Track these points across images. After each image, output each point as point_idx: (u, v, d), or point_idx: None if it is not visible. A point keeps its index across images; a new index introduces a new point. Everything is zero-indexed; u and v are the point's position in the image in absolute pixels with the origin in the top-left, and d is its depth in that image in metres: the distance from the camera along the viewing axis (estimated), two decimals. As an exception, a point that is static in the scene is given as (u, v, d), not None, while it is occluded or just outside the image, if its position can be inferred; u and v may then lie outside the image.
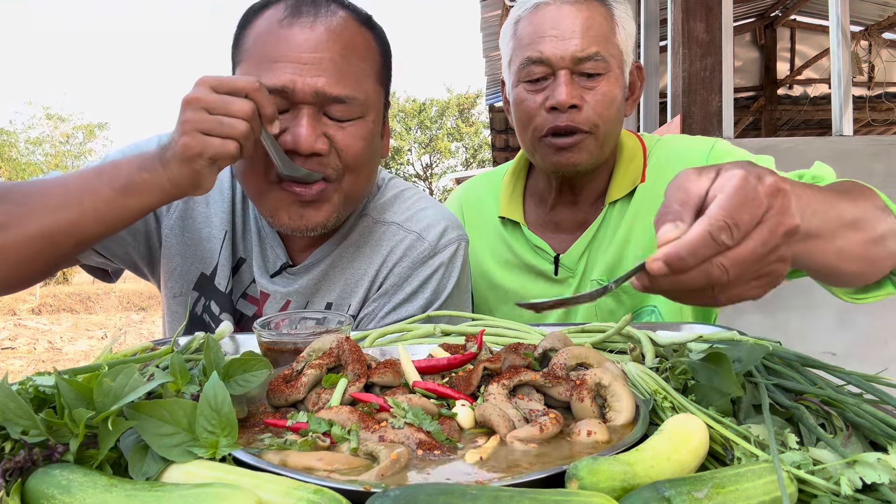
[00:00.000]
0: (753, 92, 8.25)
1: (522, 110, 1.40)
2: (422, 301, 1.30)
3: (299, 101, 1.14)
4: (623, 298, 1.47)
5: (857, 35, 6.80)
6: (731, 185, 0.61)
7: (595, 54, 1.32)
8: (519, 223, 1.56)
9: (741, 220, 0.60)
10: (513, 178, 1.62)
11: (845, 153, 3.26)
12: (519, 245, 1.57)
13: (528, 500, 0.49)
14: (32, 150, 23.64)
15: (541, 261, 1.54)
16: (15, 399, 0.60)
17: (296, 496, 0.52)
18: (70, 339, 11.63)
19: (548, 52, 1.33)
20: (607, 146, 1.42)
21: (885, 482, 0.53)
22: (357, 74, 1.19)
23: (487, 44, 7.21)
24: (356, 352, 0.83)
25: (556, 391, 0.76)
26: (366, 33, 1.23)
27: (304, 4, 1.18)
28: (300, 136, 1.13)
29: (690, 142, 1.53)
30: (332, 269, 1.32)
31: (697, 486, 0.51)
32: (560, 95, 1.32)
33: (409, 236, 1.32)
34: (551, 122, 1.35)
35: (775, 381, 0.74)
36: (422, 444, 0.65)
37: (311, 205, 1.21)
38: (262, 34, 1.18)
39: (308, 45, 1.14)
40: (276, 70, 1.13)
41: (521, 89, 1.40)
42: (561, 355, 0.80)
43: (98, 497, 0.54)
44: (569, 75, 1.33)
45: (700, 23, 3.26)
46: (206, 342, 0.77)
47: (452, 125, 32.70)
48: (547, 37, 1.33)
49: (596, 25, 1.33)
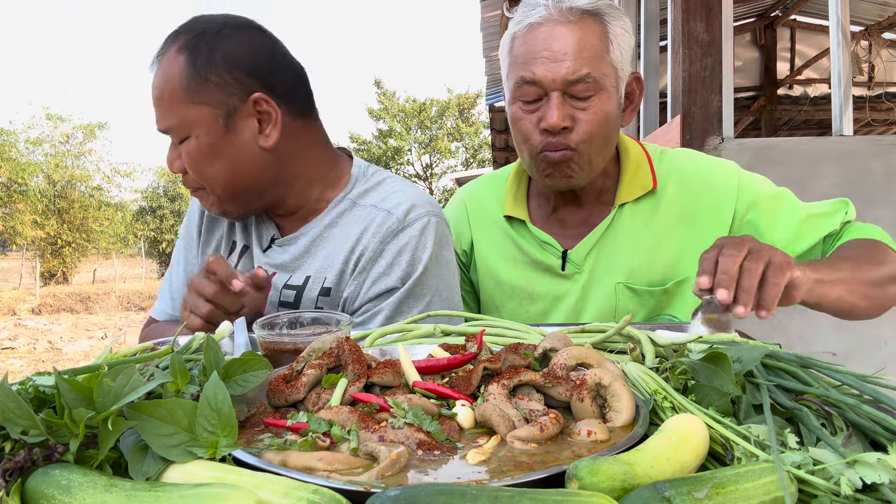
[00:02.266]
0: (753, 92, 8.25)
1: (518, 129, 1.46)
2: (399, 272, 1.38)
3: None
4: (646, 300, 1.50)
5: (857, 35, 6.80)
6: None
7: (586, 76, 1.35)
8: (525, 221, 1.59)
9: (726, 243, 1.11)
10: (516, 179, 1.64)
11: (845, 153, 3.26)
12: (525, 242, 1.59)
13: (528, 499, 0.49)
14: (32, 150, 23.64)
15: (548, 256, 1.56)
16: (15, 399, 0.60)
17: (296, 496, 0.52)
18: (70, 339, 11.63)
19: (539, 75, 1.36)
20: (600, 161, 1.47)
21: (885, 482, 0.53)
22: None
23: (487, 44, 7.21)
24: (356, 352, 0.83)
25: (556, 391, 0.76)
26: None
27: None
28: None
29: (712, 164, 1.58)
30: (312, 246, 1.46)
31: (697, 486, 0.51)
32: (552, 118, 1.36)
33: (380, 214, 1.43)
34: (544, 141, 1.40)
35: (775, 382, 0.74)
36: (422, 445, 0.65)
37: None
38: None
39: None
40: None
41: (516, 108, 1.45)
42: (561, 355, 0.80)
43: (98, 497, 0.54)
44: (560, 97, 1.36)
45: (700, 23, 3.26)
46: (206, 342, 0.77)
47: (452, 125, 32.68)
48: (539, 58, 1.36)
49: (589, 47, 1.36)
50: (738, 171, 1.55)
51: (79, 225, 23.57)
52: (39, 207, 22.29)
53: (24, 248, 23.61)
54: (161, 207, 29.36)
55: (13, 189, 22.20)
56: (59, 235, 22.84)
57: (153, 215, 29.34)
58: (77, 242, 23.44)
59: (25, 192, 22.24)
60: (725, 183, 1.50)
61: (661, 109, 4.67)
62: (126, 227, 26.88)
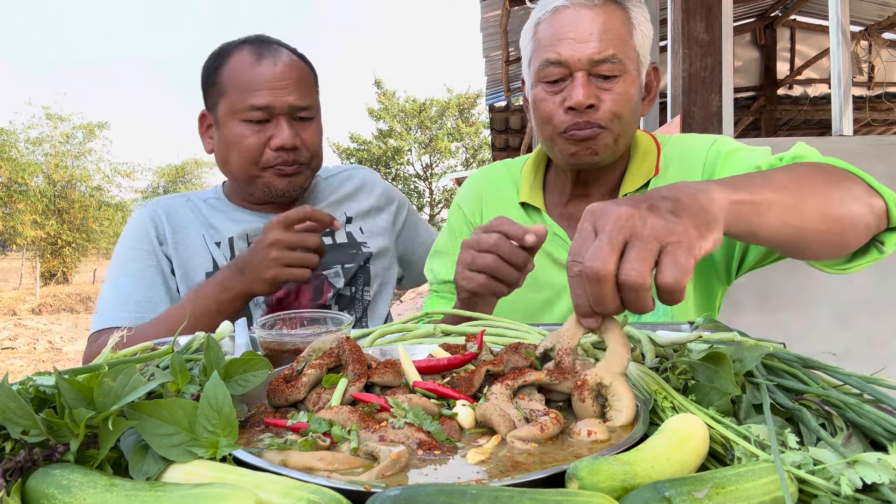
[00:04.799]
0: (753, 92, 8.25)
1: (542, 109, 1.45)
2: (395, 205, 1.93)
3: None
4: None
5: (857, 35, 6.80)
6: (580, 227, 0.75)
7: (611, 57, 1.37)
8: (540, 209, 1.59)
9: (576, 249, 0.73)
10: (533, 169, 1.65)
11: (845, 153, 3.23)
12: None
13: (528, 499, 0.49)
14: (32, 150, 23.61)
15: (557, 248, 1.56)
16: (15, 399, 0.60)
17: (296, 496, 0.52)
18: (70, 339, 11.62)
19: (566, 55, 1.38)
20: (623, 142, 1.46)
21: (885, 482, 0.53)
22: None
23: (487, 44, 7.20)
24: (356, 352, 0.83)
25: (564, 386, 0.75)
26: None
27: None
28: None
29: (694, 139, 1.58)
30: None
31: (698, 485, 0.51)
32: (577, 96, 1.37)
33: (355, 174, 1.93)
34: (569, 121, 1.41)
35: (776, 382, 0.74)
36: (422, 444, 0.65)
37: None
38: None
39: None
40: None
41: (539, 89, 1.45)
42: (563, 341, 0.79)
43: (98, 497, 0.54)
44: (586, 77, 1.38)
45: (700, 23, 3.26)
46: (207, 342, 0.77)
47: (452, 125, 32.65)
48: (565, 39, 1.38)
49: (613, 29, 1.38)
50: (714, 140, 1.52)
51: (79, 225, 23.54)
52: (39, 207, 22.26)
53: (24, 248, 23.58)
54: (161, 207, 29.27)
55: (13, 189, 22.18)
56: (59, 235, 22.81)
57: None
58: (77, 242, 23.41)
59: (25, 192, 22.21)
60: (698, 154, 1.50)
61: (661, 109, 4.67)
62: (126, 226, 26.81)
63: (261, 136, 1.58)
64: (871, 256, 1.11)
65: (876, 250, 1.09)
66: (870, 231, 1.05)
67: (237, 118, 1.58)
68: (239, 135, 1.58)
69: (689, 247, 0.69)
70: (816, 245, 1.00)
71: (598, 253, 0.69)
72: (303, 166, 1.64)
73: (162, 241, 1.68)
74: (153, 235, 1.68)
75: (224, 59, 1.63)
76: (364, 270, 1.77)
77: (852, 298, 3.16)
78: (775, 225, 0.89)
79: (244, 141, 1.58)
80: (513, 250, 1.12)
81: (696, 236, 0.71)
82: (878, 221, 1.05)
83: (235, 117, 1.59)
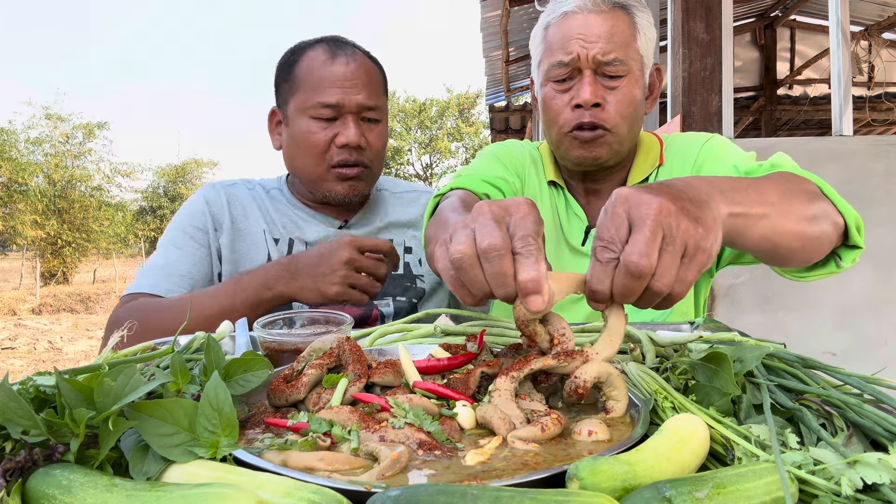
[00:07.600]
0: (753, 92, 8.26)
1: (550, 108, 1.51)
2: None
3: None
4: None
5: (857, 35, 6.80)
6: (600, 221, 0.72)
7: (616, 59, 1.43)
8: (563, 188, 1.62)
9: (610, 235, 0.70)
10: (549, 151, 1.67)
11: (845, 153, 3.26)
12: (561, 207, 1.62)
13: (528, 500, 0.49)
14: (32, 150, 23.60)
15: (573, 228, 1.59)
16: (15, 399, 0.60)
17: (296, 496, 0.52)
18: (70, 339, 11.62)
19: (574, 54, 1.44)
20: (627, 143, 1.51)
21: (885, 482, 0.53)
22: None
23: (487, 44, 7.21)
24: (356, 352, 0.83)
25: (572, 367, 0.74)
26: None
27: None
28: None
29: (692, 136, 1.64)
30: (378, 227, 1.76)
31: (698, 486, 0.51)
32: (584, 94, 1.43)
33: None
34: (576, 118, 1.46)
35: (776, 382, 0.74)
36: (422, 445, 0.65)
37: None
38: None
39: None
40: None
41: (548, 88, 1.51)
42: (556, 328, 0.78)
43: (99, 497, 0.54)
44: (592, 76, 1.44)
45: (700, 23, 3.26)
46: (207, 342, 0.77)
47: (452, 125, 32.66)
48: (574, 39, 1.45)
49: (619, 33, 1.45)
50: (708, 138, 1.58)
51: (79, 225, 23.54)
52: (39, 207, 22.25)
53: (25, 248, 23.58)
54: (161, 207, 29.37)
55: (13, 189, 22.17)
56: (59, 235, 22.80)
57: (153, 215, 29.34)
58: (77, 242, 23.40)
59: (25, 192, 22.20)
60: (691, 152, 1.56)
61: (661, 109, 4.67)
62: (126, 227, 26.84)
63: (328, 133, 1.60)
64: (829, 269, 1.19)
65: (834, 264, 1.18)
66: (831, 246, 1.14)
67: (306, 115, 1.60)
68: (307, 131, 1.61)
69: (701, 264, 0.71)
70: (787, 257, 1.08)
71: (645, 249, 0.67)
72: (365, 170, 1.64)
73: (217, 227, 1.68)
74: (209, 220, 1.68)
75: (298, 57, 1.64)
76: (414, 310, 1.73)
77: (852, 299, 3.17)
78: (757, 239, 0.93)
79: (311, 137, 1.60)
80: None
81: (709, 250, 0.72)
82: (839, 239, 1.14)
83: (305, 114, 1.61)
